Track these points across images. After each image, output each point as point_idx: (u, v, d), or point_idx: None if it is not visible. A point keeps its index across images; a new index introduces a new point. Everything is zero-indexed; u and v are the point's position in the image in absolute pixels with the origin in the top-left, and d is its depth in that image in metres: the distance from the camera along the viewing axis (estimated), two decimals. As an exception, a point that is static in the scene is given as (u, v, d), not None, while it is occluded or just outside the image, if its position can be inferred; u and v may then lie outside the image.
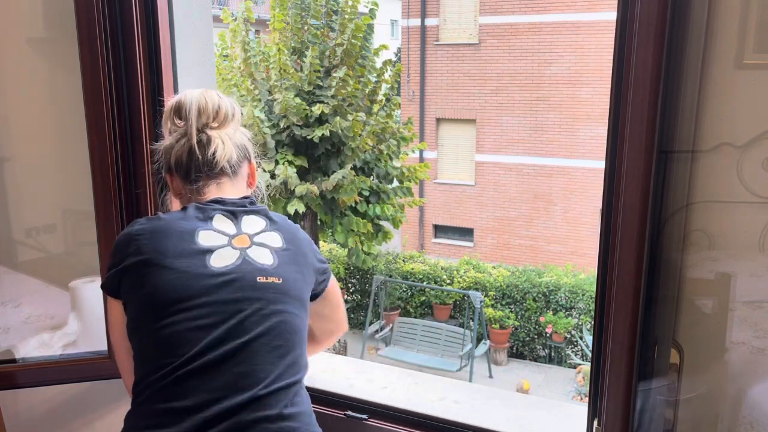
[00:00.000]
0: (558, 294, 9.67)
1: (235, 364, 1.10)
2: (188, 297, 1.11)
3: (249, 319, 1.13)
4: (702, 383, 1.20)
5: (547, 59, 12.87)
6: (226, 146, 1.25)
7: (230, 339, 1.11)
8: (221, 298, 1.12)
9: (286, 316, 1.17)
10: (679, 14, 1.06)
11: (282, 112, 8.36)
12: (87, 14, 1.48)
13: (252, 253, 1.18)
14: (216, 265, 1.15)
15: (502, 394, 1.60)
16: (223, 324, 1.11)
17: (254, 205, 1.27)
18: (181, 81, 1.61)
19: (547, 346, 9.75)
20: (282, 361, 1.14)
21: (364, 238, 9.17)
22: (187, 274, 1.12)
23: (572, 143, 12.87)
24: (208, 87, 1.72)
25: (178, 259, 1.14)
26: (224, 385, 1.09)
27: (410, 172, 9.49)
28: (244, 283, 1.15)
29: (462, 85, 13.72)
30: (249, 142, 1.34)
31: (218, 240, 1.18)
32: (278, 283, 1.17)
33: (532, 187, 13.37)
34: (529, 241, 13.49)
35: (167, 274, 1.12)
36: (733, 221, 1.11)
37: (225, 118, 1.27)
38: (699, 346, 1.18)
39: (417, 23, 14.05)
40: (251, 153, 1.34)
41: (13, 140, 1.75)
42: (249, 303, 1.14)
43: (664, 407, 1.23)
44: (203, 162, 1.23)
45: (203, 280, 1.13)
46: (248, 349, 1.11)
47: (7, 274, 1.80)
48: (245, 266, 1.16)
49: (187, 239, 1.16)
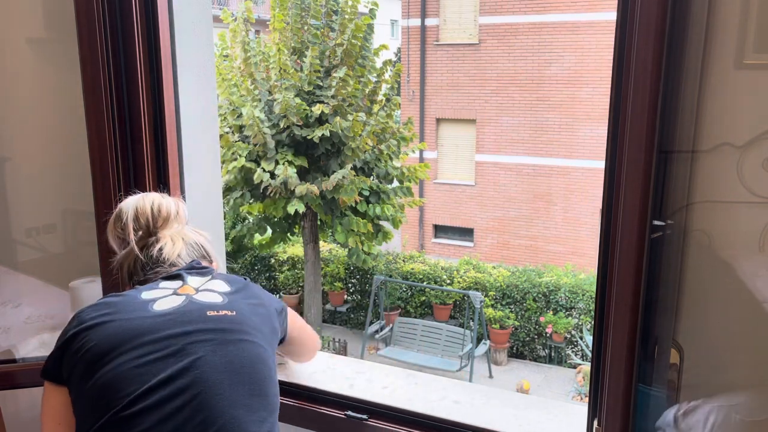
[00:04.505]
0: (558, 294, 9.67)
1: (192, 399, 1.00)
2: (129, 339, 1.03)
3: (203, 350, 1.03)
4: (702, 383, 1.20)
5: (547, 59, 12.87)
6: (176, 243, 1.22)
7: (183, 373, 1.01)
8: (169, 333, 1.04)
9: (247, 345, 1.08)
10: (679, 14, 1.06)
11: (282, 112, 8.36)
12: (87, 14, 1.48)
13: (198, 297, 1.13)
14: (159, 308, 1.08)
15: (502, 394, 1.60)
16: (173, 357, 1.01)
17: (202, 268, 1.22)
18: (181, 81, 1.61)
19: (547, 346, 9.75)
20: (248, 393, 1.04)
21: (364, 238, 9.17)
22: (130, 320, 1.05)
23: (572, 143, 12.87)
24: (206, 91, 1.73)
25: (118, 314, 1.07)
26: (180, 424, 0.98)
27: (410, 172, 9.49)
28: (192, 316, 1.07)
29: (462, 85, 13.72)
30: (207, 243, 1.30)
31: (162, 293, 1.12)
32: (231, 315, 1.10)
33: (532, 187, 13.37)
34: (529, 241, 13.49)
35: (108, 326, 1.05)
36: (733, 221, 1.11)
37: (168, 216, 1.24)
38: (699, 346, 1.18)
39: (417, 23, 14.05)
40: (210, 253, 1.29)
41: (13, 140, 1.75)
42: (202, 334, 1.05)
43: (664, 407, 1.23)
44: (153, 261, 1.20)
45: (146, 321, 1.05)
46: (205, 383, 1.01)
47: (7, 274, 1.80)
48: (191, 305, 1.09)
49: (131, 298, 1.11)
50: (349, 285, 11.09)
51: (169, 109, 1.58)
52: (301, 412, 1.55)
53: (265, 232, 9.60)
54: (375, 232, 9.36)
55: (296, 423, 1.57)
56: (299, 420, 1.56)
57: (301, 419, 1.56)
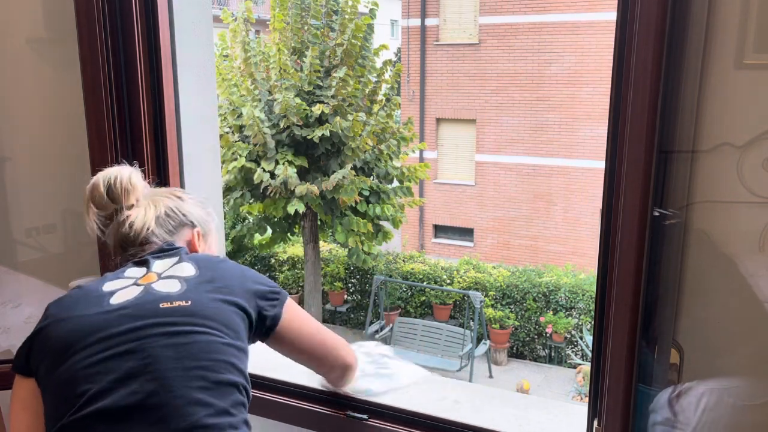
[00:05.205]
0: (558, 294, 9.68)
1: (146, 397, 0.99)
2: (83, 337, 1.03)
3: (154, 345, 1.02)
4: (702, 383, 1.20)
5: (547, 59, 12.87)
6: (147, 214, 1.20)
7: (135, 372, 1.00)
8: (120, 329, 1.03)
9: (199, 336, 1.04)
10: (679, 14, 1.06)
11: (282, 112, 8.36)
12: (87, 14, 1.48)
13: (157, 286, 1.10)
14: (115, 302, 1.07)
15: (502, 394, 1.60)
16: (125, 355, 1.01)
17: (170, 249, 1.19)
18: (181, 81, 1.61)
19: (547, 346, 9.76)
20: (203, 387, 1.01)
21: (364, 238, 9.17)
22: (85, 316, 1.06)
23: (572, 143, 12.88)
24: (206, 91, 1.73)
25: (76, 310, 1.07)
26: (136, 423, 0.98)
27: (410, 172, 9.50)
28: (144, 310, 1.05)
29: (462, 85, 13.72)
30: (186, 204, 1.27)
31: (123, 284, 1.11)
32: (186, 306, 1.07)
33: (532, 187, 13.38)
34: (529, 241, 13.50)
35: (64, 324, 1.06)
36: (733, 221, 1.11)
37: (125, 188, 1.21)
38: (699, 346, 1.18)
39: (417, 23, 14.06)
40: (189, 215, 1.27)
41: (13, 140, 1.75)
42: (152, 328, 1.03)
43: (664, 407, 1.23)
44: (126, 238, 1.20)
45: (99, 317, 1.05)
46: (157, 380, 1.00)
47: (7, 274, 1.80)
48: (147, 296, 1.08)
49: (92, 291, 1.11)
50: (349, 285, 11.09)
51: (169, 108, 1.58)
52: (301, 411, 1.55)
53: (265, 232, 9.60)
54: (375, 232, 9.37)
55: (296, 423, 1.57)
56: (299, 420, 1.56)
57: (301, 419, 1.56)
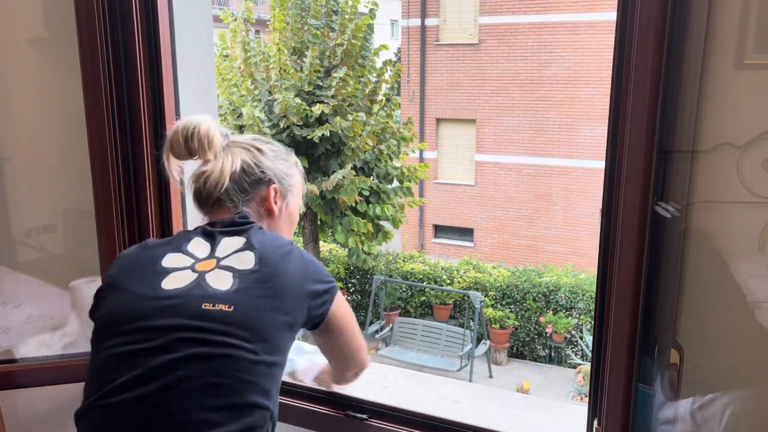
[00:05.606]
0: (558, 294, 9.67)
1: (158, 405, 0.98)
2: (126, 320, 1.04)
3: (183, 350, 1.00)
4: (702, 383, 1.20)
5: (547, 59, 12.87)
6: (223, 170, 1.18)
7: (156, 374, 0.99)
8: (158, 324, 1.02)
9: (232, 350, 1.01)
10: (679, 14, 1.06)
11: (282, 112, 8.36)
12: (87, 14, 1.48)
13: (209, 278, 1.07)
14: (167, 286, 1.06)
15: (502, 394, 1.60)
16: (154, 351, 1.00)
17: (242, 225, 1.15)
18: (181, 81, 1.61)
19: (547, 346, 9.75)
20: (217, 405, 0.99)
21: (364, 238, 9.17)
22: (136, 296, 1.06)
23: (572, 143, 12.87)
24: (206, 91, 1.73)
25: (134, 280, 1.08)
26: (143, 424, 0.98)
27: (410, 172, 9.49)
28: (185, 309, 1.03)
29: (462, 85, 13.72)
30: (260, 155, 1.22)
31: (182, 262, 1.10)
32: (227, 311, 1.02)
33: (532, 187, 13.37)
34: (529, 241, 13.49)
35: (119, 295, 1.08)
36: (733, 221, 1.11)
37: (202, 145, 1.17)
38: (699, 346, 1.18)
39: (417, 23, 14.06)
40: (272, 176, 1.22)
41: (13, 140, 1.75)
42: (186, 331, 1.01)
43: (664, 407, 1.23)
44: (201, 195, 1.20)
45: (145, 304, 1.05)
46: (175, 388, 0.98)
47: (7, 274, 1.80)
48: (194, 290, 1.05)
49: (154, 261, 1.10)
50: (349, 285, 11.09)
51: (169, 108, 1.58)
52: (301, 411, 1.55)
53: (265, 232, 9.58)
54: (375, 232, 9.37)
55: (296, 423, 1.57)
56: (299, 420, 1.56)
57: (301, 419, 1.56)
